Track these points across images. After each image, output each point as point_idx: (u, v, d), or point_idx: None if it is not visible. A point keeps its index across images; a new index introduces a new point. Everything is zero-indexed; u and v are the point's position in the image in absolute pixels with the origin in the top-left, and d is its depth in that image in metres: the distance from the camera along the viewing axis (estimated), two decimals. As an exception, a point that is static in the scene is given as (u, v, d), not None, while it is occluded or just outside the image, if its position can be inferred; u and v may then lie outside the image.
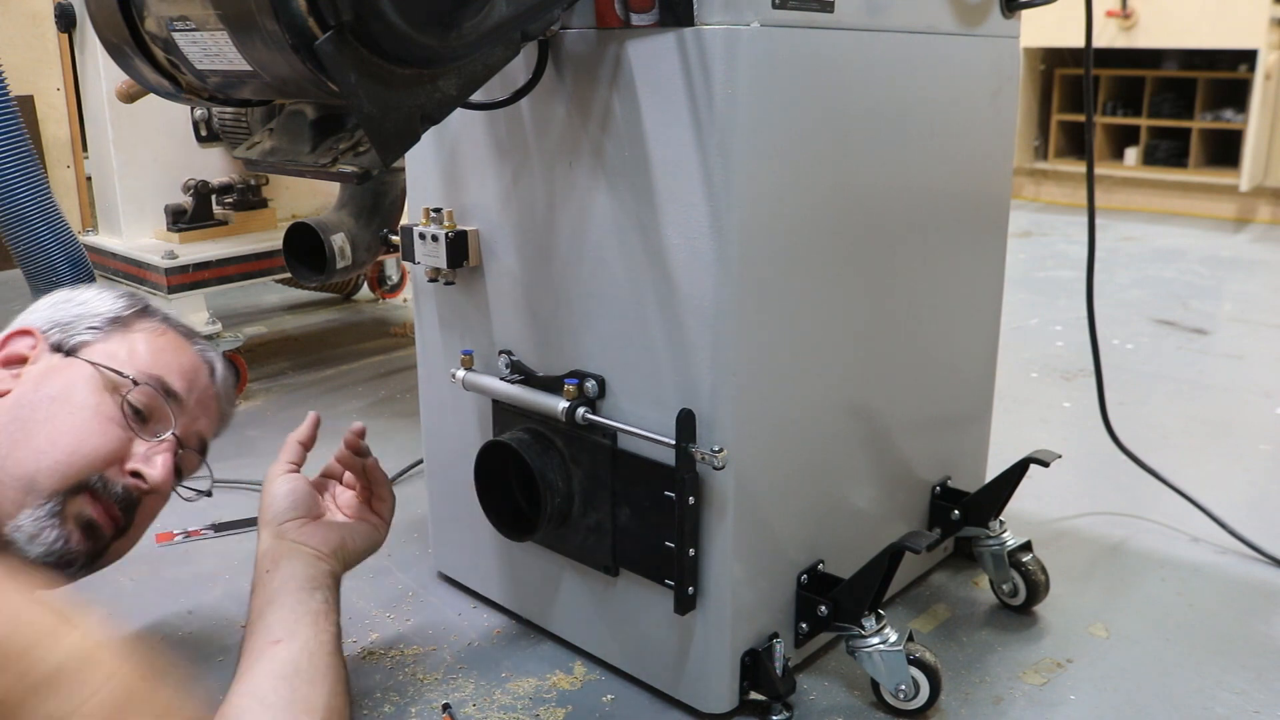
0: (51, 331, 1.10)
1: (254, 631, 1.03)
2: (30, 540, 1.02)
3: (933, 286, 1.50)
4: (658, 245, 1.18)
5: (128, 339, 1.13)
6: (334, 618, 1.08)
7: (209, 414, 1.22)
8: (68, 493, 1.04)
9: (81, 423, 1.05)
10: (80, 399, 1.06)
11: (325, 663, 1.00)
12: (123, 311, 1.15)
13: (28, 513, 1.02)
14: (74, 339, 1.10)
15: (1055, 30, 4.81)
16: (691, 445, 1.17)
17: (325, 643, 1.02)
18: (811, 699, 1.36)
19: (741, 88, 1.10)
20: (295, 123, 1.13)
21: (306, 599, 1.06)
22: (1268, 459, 2.16)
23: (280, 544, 1.14)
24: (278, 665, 0.98)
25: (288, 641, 0.99)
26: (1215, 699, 1.36)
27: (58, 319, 1.12)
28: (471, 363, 1.42)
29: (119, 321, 1.14)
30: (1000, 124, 1.56)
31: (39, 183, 2.06)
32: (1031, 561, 1.54)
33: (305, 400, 2.55)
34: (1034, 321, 3.22)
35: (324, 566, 1.14)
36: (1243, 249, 4.37)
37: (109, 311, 1.14)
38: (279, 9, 0.88)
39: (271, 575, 1.10)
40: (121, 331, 1.13)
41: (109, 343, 1.11)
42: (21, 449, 1.02)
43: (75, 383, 1.07)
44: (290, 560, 1.12)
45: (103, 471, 1.07)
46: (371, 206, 2.20)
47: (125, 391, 1.09)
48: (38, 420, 1.04)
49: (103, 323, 1.13)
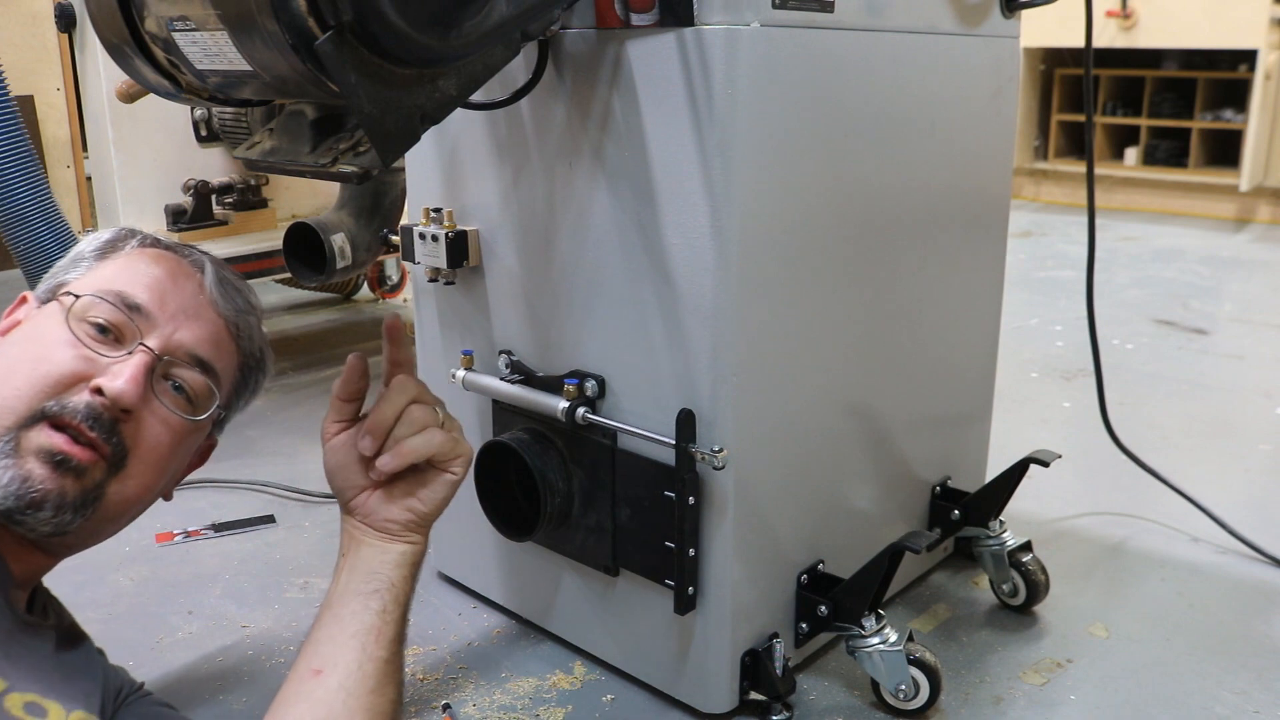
0: (41, 290, 1.03)
1: (306, 644, 0.98)
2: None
3: (933, 286, 1.50)
4: (658, 245, 1.18)
5: (101, 267, 1.05)
6: (389, 631, 0.98)
7: (198, 322, 1.06)
8: (20, 427, 0.93)
9: (35, 353, 0.97)
10: (38, 334, 0.99)
11: (363, 703, 0.93)
12: (104, 245, 1.07)
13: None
14: (55, 286, 1.03)
15: (1055, 30, 4.80)
16: (691, 445, 1.17)
17: (370, 674, 0.95)
18: (811, 699, 1.36)
19: (741, 88, 1.10)
20: (295, 123, 1.13)
21: (361, 610, 0.99)
22: (1268, 459, 2.16)
23: (348, 525, 1.08)
24: (310, 706, 0.93)
25: (328, 673, 0.94)
26: (1215, 699, 1.36)
27: (50, 276, 1.05)
28: (471, 363, 1.42)
29: (100, 255, 1.06)
30: (1000, 124, 1.56)
31: (39, 183, 2.06)
32: (1031, 561, 1.54)
33: (305, 400, 2.55)
34: (1034, 321, 3.22)
35: (393, 550, 1.04)
36: (1243, 249, 4.37)
37: (90, 249, 1.07)
38: (279, 9, 0.88)
39: (341, 565, 1.04)
40: (99, 262, 1.05)
41: (84, 278, 1.03)
42: None
43: (41, 322, 0.99)
44: (356, 549, 1.04)
45: (58, 396, 0.95)
46: (371, 206, 2.20)
47: (86, 310, 0.99)
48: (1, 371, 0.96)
49: (88, 261, 1.05)
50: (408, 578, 1.03)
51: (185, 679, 1.41)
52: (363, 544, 1.05)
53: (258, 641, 1.51)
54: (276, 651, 1.48)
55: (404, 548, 1.05)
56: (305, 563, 1.74)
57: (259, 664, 1.45)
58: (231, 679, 1.42)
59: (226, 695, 1.38)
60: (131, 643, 1.50)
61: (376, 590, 1.00)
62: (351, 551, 1.05)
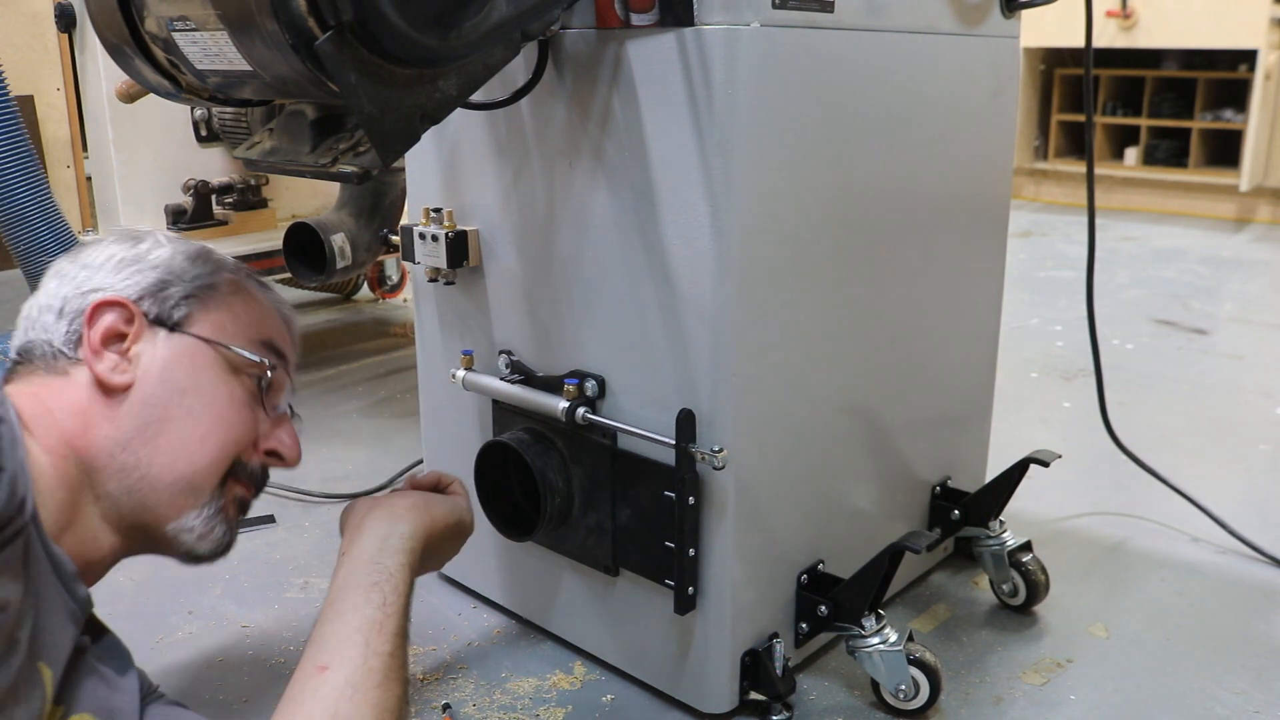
0: (144, 302, 1.01)
1: (310, 641, 0.97)
2: (200, 539, 1.03)
3: (932, 286, 1.50)
4: (658, 245, 1.18)
5: (225, 304, 1.06)
6: (391, 625, 0.99)
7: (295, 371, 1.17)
8: (223, 484, 1.04)
9: (220, 413, 1.03)
10: (210, 387, 1.02)
11: (370, 699, 0.93)
12: (211, 277, 1.07)
13: (194, 513, 1.01)
14: (174, 312, 1.03)
15: (1055, 30, 4.81)
16: (691, 445, 1.17)
17: (375, 669, 0.94)
18: (811, 699, 1.36)
19: (741, 88, 1.10)
20: (295, 123, 1.13)
21: (362, 603, 0.99)
22: (1268, 459, 2.16)
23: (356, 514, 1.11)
24: (318, 703, 0.91)
25: (334, 669, 0.93)
26: (1215, 699, 1.36)
27: (144, 286, 1.02)
28: (471, 363, 1.42)
29: (211, 288, 1.06)
30: (1000, 124, 1.56)
31: (39, 183, 2.06)
32: (1031, 561, 1.54)
33: (305, 400, 2.55)
34: (1034, 321, 3.22)
35: (396, 532, 1.07)
36: (1243, 249, 4.37)
37: (197, 276, 1.06)
38: (279, 9, 0.88)
39: (343, 559, 1.06)
40: (215, 297, 1.06)
41: (209, 312, 1.05)
42: (166, 453, 0.99)
43: (200, 369, 1.02)
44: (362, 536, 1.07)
45: (243, 456, 1.06)
46: (371, 206, 2.20)
47: (261, 373, 1.07)
48: (173, 419, 0.99)
49: (196, 289, 1.05)
50: (406, 566, 1.05)
51: (185, 679, 1.41)
52: (378, 517, 1.09)
53: (258, 641, 1.51)
54: (276, 651, 1.48)
55: (411, 526, 1.09)
56: (305, 563, 1.74)
57: (259, 664, 1.45)
58: (231, 679, 1.42)
59: (226, 695, 1.38)
60: (131, 643, 1.48)
61: (376, 583, 1.01)
62: (367, 527, 1.08)
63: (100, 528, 0.99)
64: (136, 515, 0.99)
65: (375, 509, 1.11)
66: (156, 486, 0.99)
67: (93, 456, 0.96)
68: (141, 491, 0.98)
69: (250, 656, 1.47)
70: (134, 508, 0.98)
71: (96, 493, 0.97)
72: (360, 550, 1.05)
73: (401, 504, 1.11)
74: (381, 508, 1.11)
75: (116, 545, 1.00)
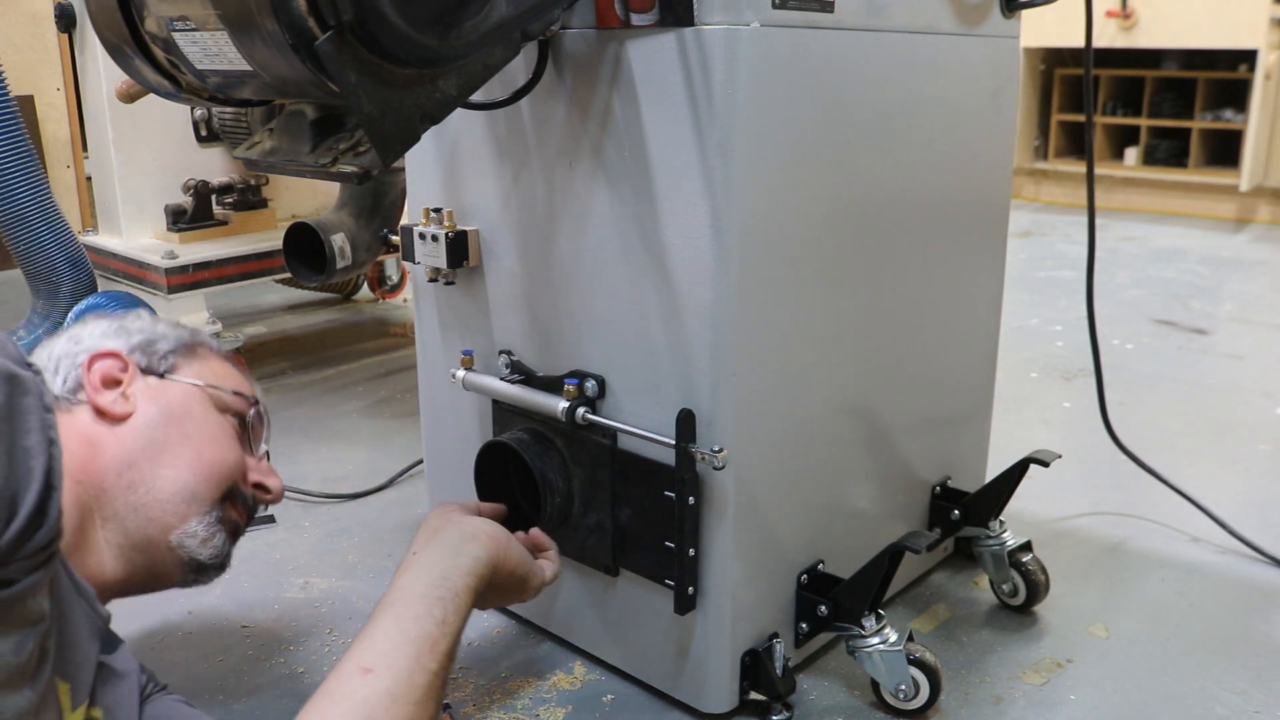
0: (134, 355, 1.13)
1: (361, 637, 0.97)
2: (203, 544, 1.08)
3: (933, 286, 1.50)
4: (658, 245, 1.18)
5: (204, 361, 1.19)
6: (444, 645, 0.98)
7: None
8: (221, 500, 1.11)
9: (214, 436, 1.12)
10: (202, 416, 1.12)
11: (404, 712, 0.92)
12: (190, 339, 1.20)
13: (196, 520, 1.08)
14: (161, 363, 1.14)
15: (1055, 30, 4.81)
16: (691, 445, 1.17)
17: (419, 685, 0.94)
18: (811, 699, 1.36)
19: (741, 88, 1.10)
20: (295, 123, 1.13)
21: (424, 615, 0.99)
22: (1268, 459, 2.16)
23: (436, 518, 1.16)
24: (354, 705, 0.91)
25: (378, 674, 0.93)
26: (1215, 699, 1.36)
27: (132, 344, 1.14)
28: (471, 363, 1.42)
29: (189, 348, 1.18)
30: (1000, 124, 1.56)
31: (39, 183, 2.06)
32: (1031, 561, 1.54)
33: (305, 400, 2.55)
34: (1034, 321, 3.22)
35: (469, 552, 1.09)
36: (1243, 249, 4.37)
37: (178, 337, 1.19)
38: (279, 9, 0.88)
39: (409, 562, 1.08)
40: (194, 354, 1.18)
41: (192, 364, 1.17)
42: (169, 468, 1.06)
43: (191, 403, 1.13)
44: (437, 544, 1.09)
45: (235, 484, 1.14)
46: (371, 206, 2.20)
47: (243, 410, 1.18)
48: (172, 440, 1.08)
49: (178, 346, 1.17)
50: (471, 589, 1.07)
51: (185, 679, 1.41)
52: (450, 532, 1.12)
53: (258, 641, 1.51)
54: (276, 651, 1.48)
55: (478, 554, 1.10)
56: (305, 563, 1.74)
57: (259, 664, 1.45)
58: (231, 679, 1.42)
59: (226, 695, 1.38)
60: (131, 643, 1.48)
61: (441, 598, 1.02)
62: (437, 539, 1.11)
63: (105, 553, 1.04)
64: (142, 531, 1.05)
65: (457, 522, 1.14)
66: (160, 498, 1.05)
67: (101, 477, 1.03)
68: (147, 505, 1.05)
69: (250, 656, 1.47)
70: (140, 524, 1.04)
71: (104, 515, 1.03)
72: (431, 557, 1.08)
73: (484, 528, 1.14)
74: (464, 524, 1.14)
75: (119, 574, 1.05)
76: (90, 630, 0.90)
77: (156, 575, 1.09)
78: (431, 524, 1.15)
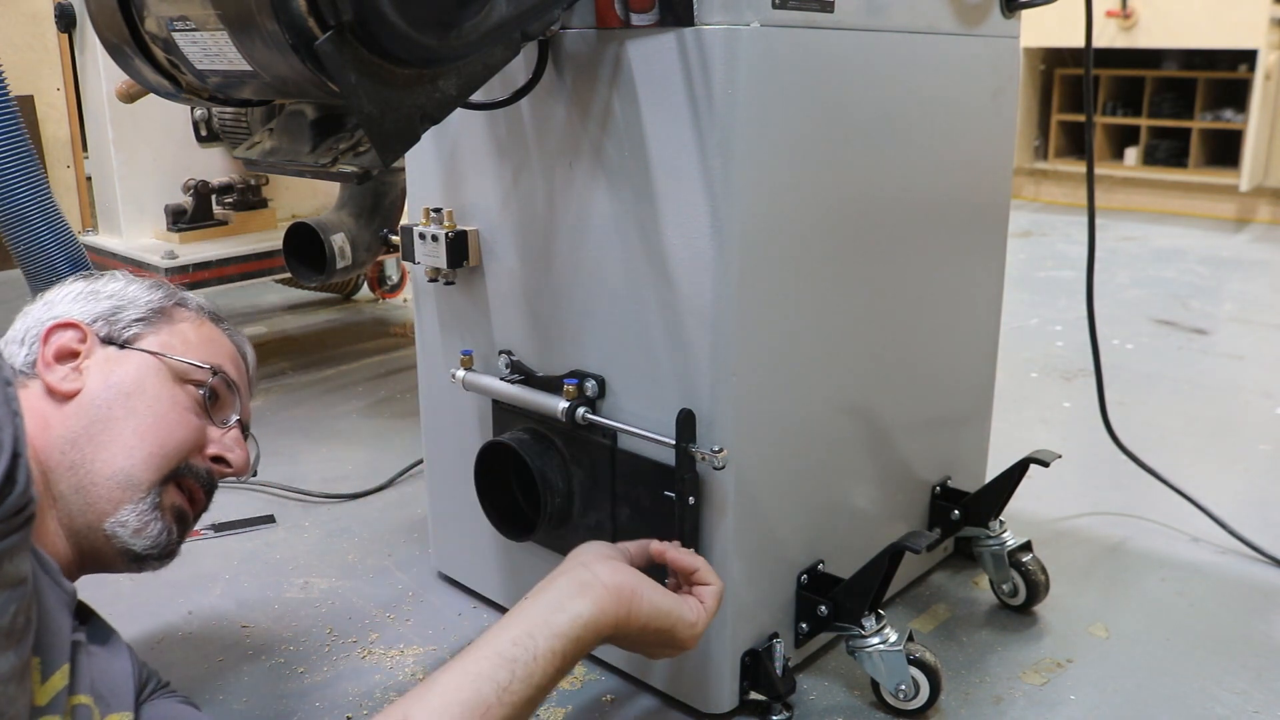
0: (96, 324, 1.09)
1: (427, 679, 0.92)
2: (135, 534, 1.04)
3: (933, 286, 1.50)
4: (658, 245, 1.18)
5: (175, 330, 1.13)
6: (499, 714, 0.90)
7: (248, 398, 1.22)
8: (161, 484, 1.06)
9: (163, 413, 1.07)
10: (153, 391, 1.07)
11: None
12: (163, 303, 1.14)
13: (129, 507, 1.03)
14: (124, 331, 1.10)
15: (1055, 30, 4.81)
16: (691, 445, 1.17)
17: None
18: (811, 699, 1.36)
19: (741, 88, 1.10)
20: (295, 123, 1.13)
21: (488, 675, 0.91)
22: (1268, 459, 2.16)
23: (571, 557, 1.08)
24: None
25: None
26: (1215, 699, 1.36)
27: (98, 311, 1.10)
28: (471, 363, 1.42)
29: (161, 313, 1.13)
30: (1000, 124, 1.56)
31: (39, 183, 2.06)
32: (1031, 561, 1.54)
33: (305, 400, 2.55)
34: (1034, 321, 3.22)
35: (571, 609, 0.99)
36: (1243, 249, 4.37)
37: (149, 302, 1.13)
38: (279, 9, 0.88)
39: (520, 604, 1.00)
40: (166, 322, 1.13)
41: (159, 334, 1.11)
42: (107, 448, 1.03)
43: (144, 376, 1.07)
44: (543, 592, 1.01)
45: (188, 460, 1.09)
46: (371, 206, 2.20)
47: (203, 380, 1.11)
48: (116, 418, 1.04)
49: (147, 313, 1.12)
50: (558, 654, 0.96)
51: (185, 680, 1.41)
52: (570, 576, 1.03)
53: (258, 641, 1.51)
54: (276, 652, 1.48)
55: (598, 605, 1.00)
56: (305, 563, 1.74)
57: (259, 664, 1.45)
58: (231, 679, 1.42)
59: (226, 695, 1.38)
60: (131, 643, 1.49)
61: (514, 660, 0.93)
62: (557, 580, 1.03)
63: (57, 533, 1.02)
64: (83, 515, 1.02)
65: (578, 567, 1.05)
66: (97, 481, 1.02)
67: (47, 455, 1.01)
68: (85, 488, 1.02)
69: (250, 656, 1.47)
70: (80, 507, 1.02)
71: (52, 495, 1.01)
72: (528, 609, 0.99)
73: (605, 578, 1.04)
74: (582, 572, 1.04)
75: (70, 555, 1.03)
76: (59, 603, 0.88)
77: (100, 561, 1.05)
78: (563, 564, 1.06)
